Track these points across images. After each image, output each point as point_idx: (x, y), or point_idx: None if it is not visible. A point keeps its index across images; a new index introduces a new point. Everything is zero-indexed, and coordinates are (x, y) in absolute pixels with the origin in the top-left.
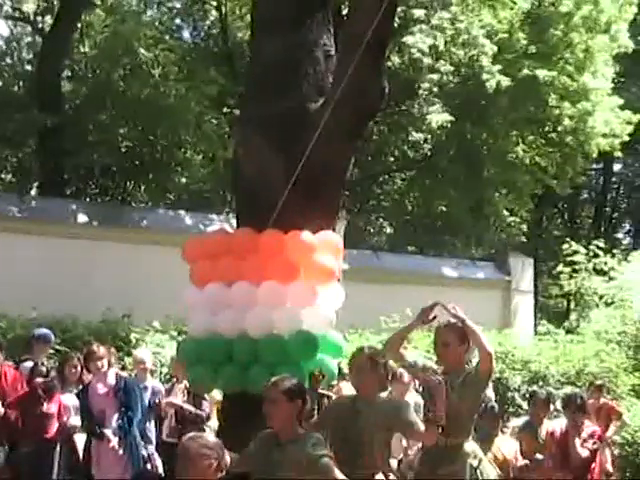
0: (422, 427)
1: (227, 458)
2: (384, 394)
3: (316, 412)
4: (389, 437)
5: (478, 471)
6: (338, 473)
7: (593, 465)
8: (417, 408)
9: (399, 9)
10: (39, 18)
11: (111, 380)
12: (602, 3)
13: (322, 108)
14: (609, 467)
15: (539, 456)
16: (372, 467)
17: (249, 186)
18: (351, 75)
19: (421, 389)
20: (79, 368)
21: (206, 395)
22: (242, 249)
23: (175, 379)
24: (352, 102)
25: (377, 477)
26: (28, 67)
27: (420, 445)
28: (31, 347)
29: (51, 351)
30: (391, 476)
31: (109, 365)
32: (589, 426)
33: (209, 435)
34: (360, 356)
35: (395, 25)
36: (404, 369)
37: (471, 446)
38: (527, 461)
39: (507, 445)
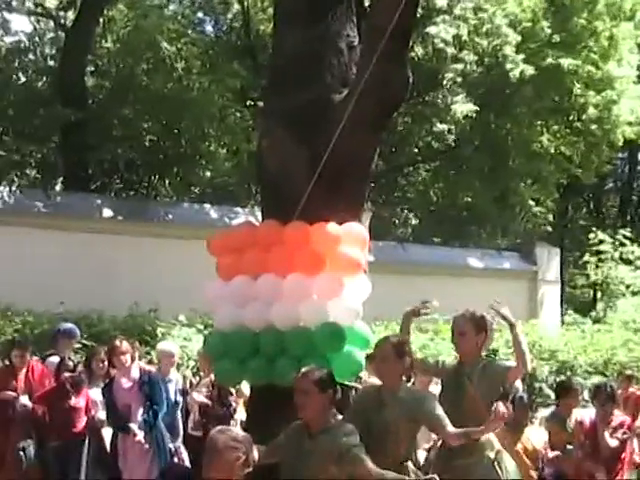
0: (447, 423)
1: (255, 453)
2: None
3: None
4: (414, 429)
5: (496, 463)
6: (370, 463)
7: (623, 455)
8: None
9: None
10: (61, 13)
11: (135, 374)
12: None
13: (345, 100)
14: (637, 458)
15: (569, 446)
16: (396, 458)
17: (273, 179)
18: (374, 66)
19: None
20: (106, 363)
21: (232, 389)
22: (267, 242)
23: (202, 372)
24: (376, 93)
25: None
26: (51, 62)
27: None
28: (56, 342)
29: (78, 346)
30: (412, 467)
31: (132, 360)
32: (618, 416)
33: (238, 429)
34: (385, 345)
35: (418, 15)
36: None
37: (488, 438)
38: (557, 452)
39: (537, 435)
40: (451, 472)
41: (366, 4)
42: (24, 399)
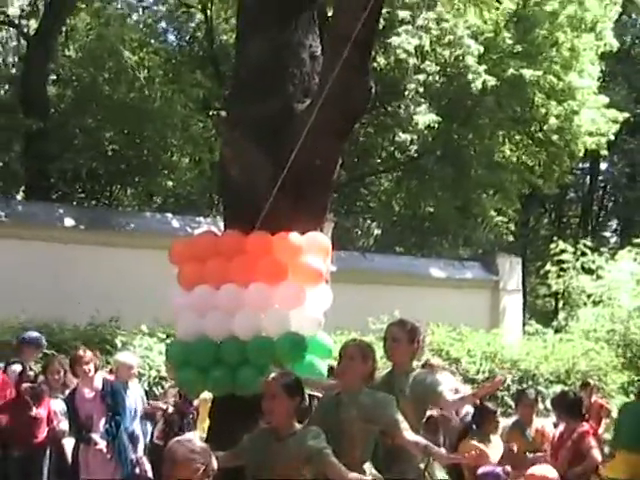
0: (404, 428)
1: (214, 463)
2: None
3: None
4: (370, 431)
5: (427, 473)
6: (339, 465)
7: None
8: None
9: (384, 10)
10: (24, 22)
11: (98, 384)
12: (587, 2)
13: (308, 109)
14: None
15: (528, 455)
16: (351, 459)
17: (236, 188)
18: (337, 76)
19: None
20: (62, 373)
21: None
22: (229, 251)
23: (170, 382)
24: (338, 103)
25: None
26: (13, 71)
27: None
28: (21, 351)
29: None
30: (372, 471)
31: (96, 369)
32: (582, 425)
33: (197, 439)
34: (352, 346)
35: (380, 26)
36: None
37: None
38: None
39: (497, 445)
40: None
41: (329, 14)
42: None
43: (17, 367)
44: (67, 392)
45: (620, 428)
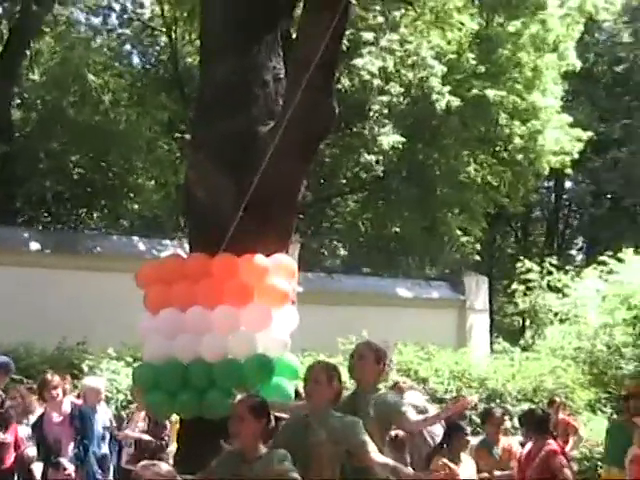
0: (371, 450)
1: None
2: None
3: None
4: (338, 453)
5: None
6: None
7: None
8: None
9: (348, 32)
10: None
11: (66, 409)
12: (549, 22)
13: (272, 131)
14: None
15: (496, 472)
16: None
17: (201, 210)
18: (301, 97)
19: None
20: (20, 399)
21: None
22: (195, 274)
23: (137, 405)
24: (302, 124)
25: None
26: None
27: None
28: None
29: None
30: None
31: (64, 394)
32: (549, 443)
33: (162, 463)
34: (317, 368)
35: (344, 47)
36: None
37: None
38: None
39: (466, 462)
40: None
41: (293, 36)
42: None
43: None
44: (31, 417)
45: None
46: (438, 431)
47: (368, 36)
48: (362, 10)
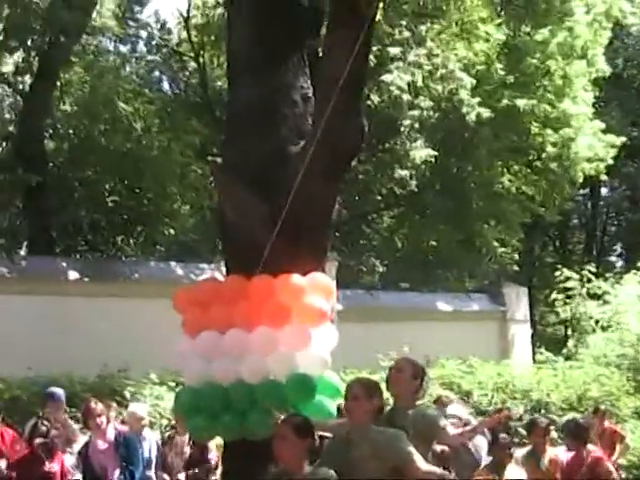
0: (417, 460)
1: None
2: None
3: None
4: (382, 468)
5: None
6: None
7: None
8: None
9: (375, 48)
10: (18, 78)
11: (111, 436)
12: (577, 29)
13: (302, 150)
14: None
15: None
16: None
17: (234, 233)
18: (329, 117)
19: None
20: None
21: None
22: (232, 296)
23: (174, 430)
24: (331, 143)
25: None
26: (10, 128)
27: None
28: (45, 406)
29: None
30: None
31: (108, 421)
32: (594, 452)
33: None
34: (357, 385)
35: (372, 64)
36: None
37: None
38: None
39: (515, 474)
40: None
41: (319, 54)
42: (2, 463)
43: (32, 422)
44: (75, 446)
45: None
46: (483, 445)
47: (395, 51)
48: (388, 25)
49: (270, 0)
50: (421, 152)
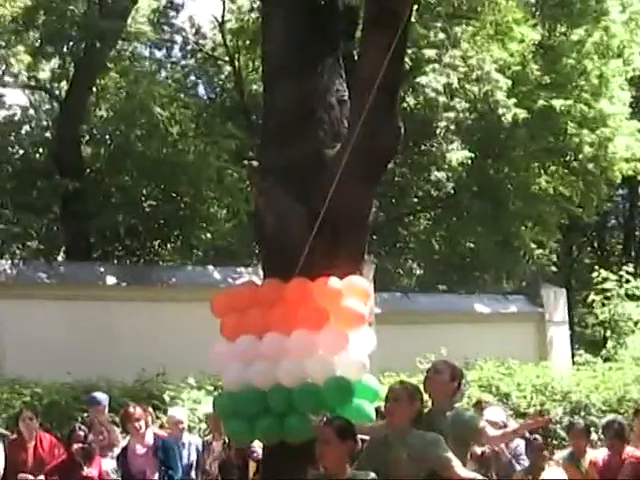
0: (456, 465)
1: None
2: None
3: None
4: (420, 471)
5: None
6: None
7: None
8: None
9: (410, 50)
10: (55, 85)
11: (149, 440)
12: (613, 28)
13: (338, 154)
14: None
15: None
16: None
17: (271, 236)
18: (365, 119)
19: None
20: (105, 433)
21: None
22: (270, 299)
23: (212, 436)
24: (367, 146)
25: None
26: (47, 134)
27: None
28: (87, 410)
29: (85, 415)
30: None
31: (147, 425)
32: (633, 452)
33: None
34: (398, 387)
35: (407, 66)
36: None
37: None
38: None
39: (554, 476)
40: None
41: (355, 57)
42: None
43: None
44: (115, 450)
45: None
46: (523, 450)
47: (430, 53)
48: (423, 28)
49: (305, 3)
50: (457, 154)
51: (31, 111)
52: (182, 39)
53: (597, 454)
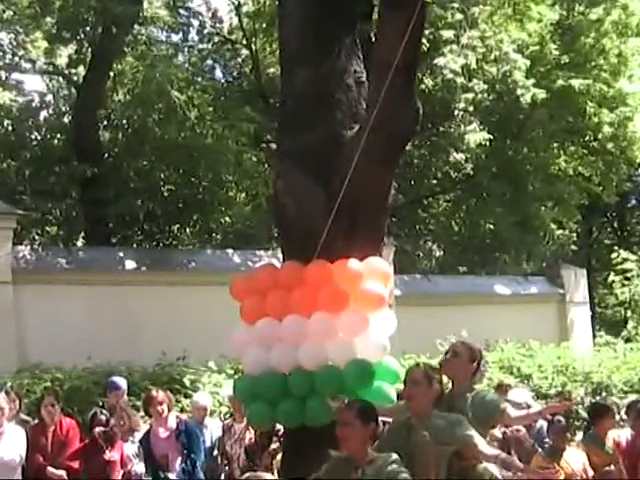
0: (480, 442)
1: None
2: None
3: None
4: (444, 453)
5: None
6: None
7: None
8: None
9: (427, 31)
10: (72, 70)
11: (172, 424)
12: (631, 6)
13: (357, 135)
14: None
15: (608, 468)
16: None
17: (290, 219)
18: (383, 100)
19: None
20: (126, 418)
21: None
22: (289, 282)
23: (233, 418)
24: (386, 127)
25: None
26: (65, 119)
27: None
28: (107, 395)
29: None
30: None
31: (169, 409)
32: None
33: (266, 474)
34: (416, 370)
35: (425, 47)
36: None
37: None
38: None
39: (575, 458)
40: None
41: (372, 38)
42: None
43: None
44: (136, 435)
45: None
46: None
47: (448, 34)
48: (440, 8)
49: None
50: (476, 135)
51: (49, 97)
52: (199, 23)
53: (620, 434)
